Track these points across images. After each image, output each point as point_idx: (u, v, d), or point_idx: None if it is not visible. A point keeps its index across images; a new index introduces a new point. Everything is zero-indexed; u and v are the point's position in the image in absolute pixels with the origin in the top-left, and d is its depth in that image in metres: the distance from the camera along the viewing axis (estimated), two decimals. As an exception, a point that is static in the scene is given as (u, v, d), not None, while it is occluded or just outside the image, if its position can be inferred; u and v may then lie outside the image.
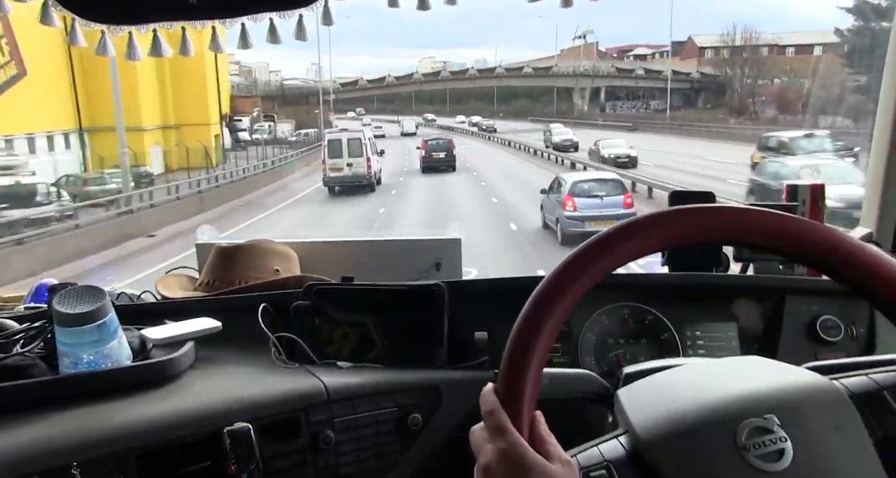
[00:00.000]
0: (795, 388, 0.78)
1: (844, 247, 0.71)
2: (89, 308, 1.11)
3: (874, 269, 0.70)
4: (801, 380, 0.79)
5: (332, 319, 1.37)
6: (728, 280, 1.58)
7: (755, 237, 0.75)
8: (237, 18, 1.41)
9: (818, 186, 1.77)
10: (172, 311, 1.39)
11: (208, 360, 1.26)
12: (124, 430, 1.00)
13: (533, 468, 0.69)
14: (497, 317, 1.41)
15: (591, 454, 0.80)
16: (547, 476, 0.69)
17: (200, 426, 1.05)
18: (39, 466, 0.91)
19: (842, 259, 0.71)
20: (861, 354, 1.41)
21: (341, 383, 1.20)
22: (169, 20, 1.41)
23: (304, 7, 1.38)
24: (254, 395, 1.13)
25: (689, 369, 0.92)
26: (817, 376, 0.80)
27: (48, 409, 1.03)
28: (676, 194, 1.66)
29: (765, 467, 0.70)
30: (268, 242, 1.72)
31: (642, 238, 0.74)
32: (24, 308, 1.50)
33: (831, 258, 0.71)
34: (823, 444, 0.72)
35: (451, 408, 1.23)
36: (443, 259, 1.74)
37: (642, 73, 67.14)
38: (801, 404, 0.75)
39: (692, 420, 0.75)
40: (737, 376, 0.83)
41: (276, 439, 1.10)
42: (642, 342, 1.44)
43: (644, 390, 0.87)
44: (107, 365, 1.13)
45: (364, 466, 1.18)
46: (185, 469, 1.04)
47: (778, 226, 0.73)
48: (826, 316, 1.43)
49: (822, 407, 0.75)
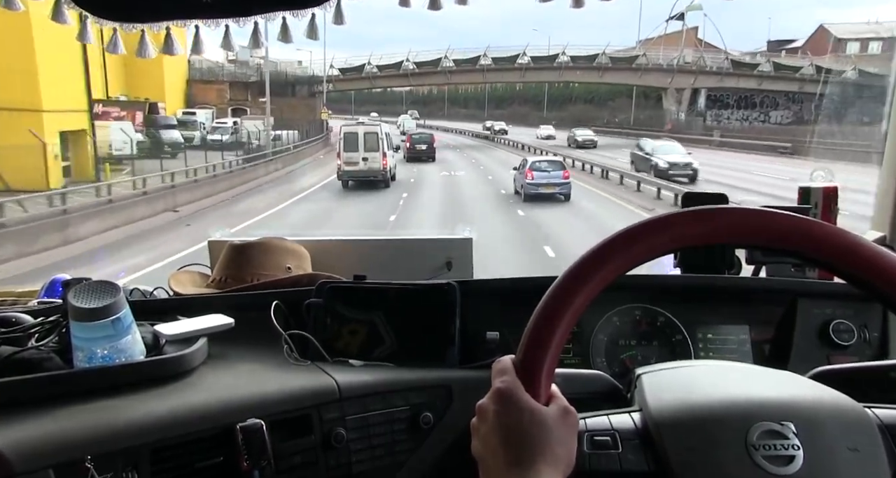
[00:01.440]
0: (821, 403, 0.78)
1: (864, 252, 0.71)
2: (104, 303, 1.12)
3: (894, 275, 0.70)
4: (831, 399, 0.79)
5: (344, 318, 1.37)
6: (740, 283, 1.57)
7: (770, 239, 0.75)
8: (250, 17, 1.41)
9: (831, 189, 1.76)
10: (185, 307, 1.39)
11: (221, 356, 1.27)
12: (138, 425, 1.01)
13: (525, 409, 0.69)
14: (509, 316, 1.41)
15: (600, 421, 0.82)
16: (539, 416, 0.69)
17: (213, 422, 1.05)
18: (53, 459, 0.92)
19: (863, 265, 0.71)
20: (874, 358, 1.41)
21: (353, 381, 1.20)
22: (182, 19, 1.42)
23: (317, 6, 1.38)
24: (266, 392, 1.14)
25: (719, 368, 0.93)
26: (850, 399, 0.79)
27: (62, 403, 1.03)
28: (689, 196, 1.65)
29: (772, 470, 0.70)
30: (280, 239, 1.72)
31: (657, 238, 0.74)
32: (38, 303, 1.51)
33: (852, 264, 0.71)
34: (836, 461, 0.72)
35: (462, 407, 1.23)
36: (454, 258, 1.75)
37: (769, 69, 46.83)
38: (823, 419, 0.75)
39: (708, 411, 0.76)
40: (766, 383, 0.84)
41: (288, 436, 1.11)
42: (654, 344, 1.43)
43: (667, 377, 0.88)
44: (120, 360, 1.14)
45: (375, 464, 1.18)
46: (197, 465, 1.04)
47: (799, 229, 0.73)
48: (839, 320, 1.42)
49: (846, 427, 0.74)
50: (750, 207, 0.76)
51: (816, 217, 1.71)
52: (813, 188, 1.79)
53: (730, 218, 0.75)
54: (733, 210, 0.76)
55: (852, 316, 1.43)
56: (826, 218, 1.74)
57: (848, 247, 0.72)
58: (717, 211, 0.75)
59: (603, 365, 1.41)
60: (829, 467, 0.71)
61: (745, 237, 0.77)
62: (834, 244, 0.73)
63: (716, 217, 0.75)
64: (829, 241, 0.73)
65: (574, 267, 0.74)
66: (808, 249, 0.74)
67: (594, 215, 17.32)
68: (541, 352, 0.72)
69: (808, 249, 0.74)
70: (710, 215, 0.75)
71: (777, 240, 0.75)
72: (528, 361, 0.72)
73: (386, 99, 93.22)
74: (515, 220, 16.97)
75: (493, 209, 18.77)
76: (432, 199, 20.99)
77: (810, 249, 0.74)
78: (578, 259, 0.75)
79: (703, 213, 0.75)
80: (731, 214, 0.75)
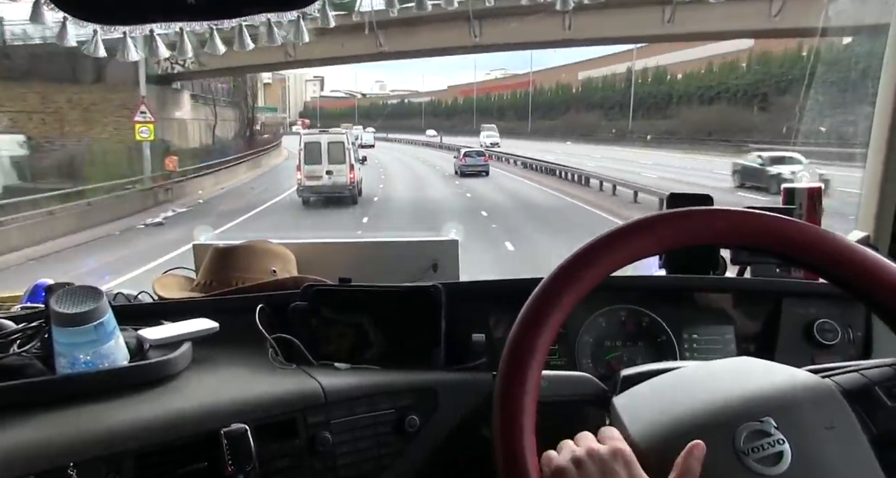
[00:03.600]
0: (789, 388, 0.78)
1: (847, 253, 0.71)
2: (87, 308, 1.11)
3: (876, 275, 0.70)
4: (794, 379, 0.80)
5: (330, 321, 1.37)
6: (725, 283, 1.58)
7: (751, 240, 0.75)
8: (235, 19, 1.40)
9: (815, 189, 1.78)
10: (169, 311, 1.38)
11: (205, 360, 1.26)
12: (121, 430, 1.00)
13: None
14: (495, 318, 1.41)
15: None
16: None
17: (197, 427, 1.05)
18: (36, 467, 0.91)
19: (845, 265, 0.71)
20: (858, 357, 1.42)
21: (338, 384, 1.20)
22: (166, 21, 1.41)
23: (304, 7, 1.37)
24: (251, 396, 1.13)
25: (683, 374, 0.92)
26: (809, 374, 0.80)
27: (44, 409, 1.02)
28: (675, 196, 1.66)
29: (764, 472, 0.71)
30: (265, 242, 1.71)
31: (642, 239, 0.75)
32: (21, 308, 1.49)
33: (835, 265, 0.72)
34: (819, 444, 0.72)
35: (448, 410, 1.23)
36: (440, 260, 1.74)
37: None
38: (795, 404, 0.75)
39: (689, 426, 0.75)
40: (731, 379, 0.84)
41: (273, 440, 1.10)
42: (639, 345, 1.44)
43: (639, 396, 0.88)
44: (104, 365, 1.13)
45: (361, 467, 1.18)
46: (181, 470, 1.03)
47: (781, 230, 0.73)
48: (823, 319, 1.43)
49: (816, 406, 0.75)
50: (732, 209, 0.76)
51: (801, 218, 1.73)
52: (797, 189, 1.80)
53: (712, 219, 0.75)
54: (716, 212, 0.76)
55: (837, 316, 1.44)
56: (811, 218, 1.76)
57: (831, 248, 0.73)
58: (701, 212, 0.76)
59: (589, 366, 1.42)
60: (815, 453, 0.72)
61: (728, 239, 0.77)
62: (816, 246, 0.73)
63: (702, 218, 0.75)
64: (812, 242, 0.73)
65: (556, 272, 0.74)
66: (791, 251, 0.74)
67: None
68: (521, 378, 0.72)
69: (791, 251, 0.74)
70: (696, 216, 0.75)
71: (759, 241, 0.75)
72: (510, 391, 0.72)
73: (403, 112, 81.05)
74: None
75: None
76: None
77: (793, 251, 0.74)
78: (561, 263, 0.75)
79: (690, 214, 0.75)
80: (714, 215, 0.75)
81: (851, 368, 0.83)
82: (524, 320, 0.74)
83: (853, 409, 0.75)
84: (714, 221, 0.76)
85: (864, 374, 0.80)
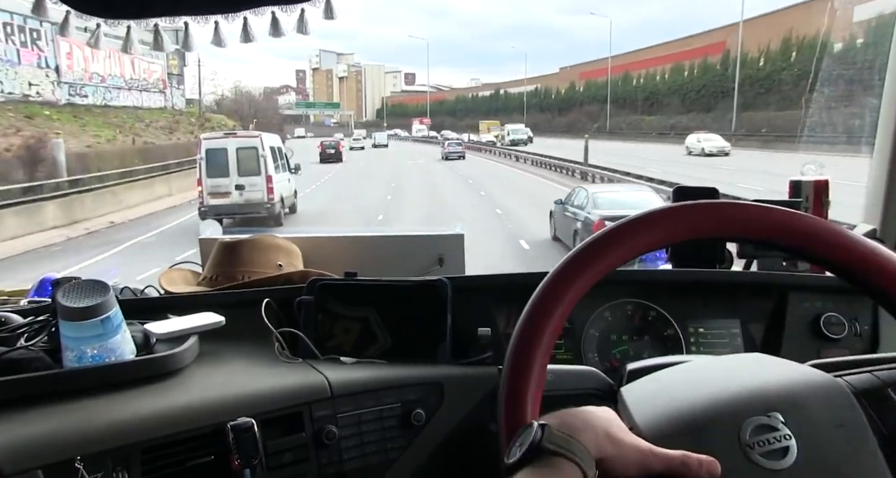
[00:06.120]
0: (799, 385, 0.77)
1: (854, 246, 0.71)
2: (94, 302, 1.11)
3: (883, 268, 0.70)
4: (804, 377, 0.79)
5: (336, 315, 1.37)
6: (732, 277, 1.57)
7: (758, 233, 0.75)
8: (239, 13, 1.40)
9: (822, 182, 1.77)
10: (176, 306, 1.39)
11: (212, 355, 1.26)
12: (128, 424, 1.00)
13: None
14: (501, 312, 1.41)
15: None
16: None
17: (204, 421, 1.05)
18: (43, 460, 0.91)
19: (852, 259, 0.71)
20: (865, 351, 1.41)
21: (344, 378, 1.20)
22: (170, 15, 1.41)
23: (307, 1, 1.37)
24: (257, 390, 1.13)
25: (692, 367, 0.92)
26: (821, 372, 0.79)
27: (52, 403, 1.03)
28: (680, 190, 1.65)
29: (770, 466, 0.70)
30: (271, 236, 1.72)
31: (647, 233, 0.74)
32: (28, 302, 1.50)
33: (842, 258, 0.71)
34: (827, 441, 0.72)
35: (454, 404, 1.23)
36: (446, 255, 1.74)
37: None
38: (804, 401, 0.74)
39: (696, 419, 0.75)
40: (740, 374, 0.83)
41: (279, 434, 1.11)
42: (645, 339, 1.44)
43: (647, 388, 0.87)
44: (110, 359, 1.13)
45: (367, 461, 1.18)
46: (188, 464, 1.04)
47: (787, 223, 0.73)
48: (830, 313, 1.42)
49: (826, 404, 0.74)
50: (740, 202, 0.76)
51: (808, 211, 1.72)
52: (804, 181, 1.80)
53: (719, 212, 0.75)
54: (722, 205, 0.76)
55: (843, 309, 1.43)
56: (817, 211, 1.75)
57: (837, 241, 0.72)
58: (708, 206, 0.75)
59: (595, 360, 1.41)
60: (822, 450, 0.71)
61: (736, 232, 0.77)
62: (823, 239, 0.73)
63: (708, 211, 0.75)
64: (819, 235, 0.73)
65: (562, 265, 0.74)
66: (798, 244, 0.74)
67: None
68: (526, 373, 0.72)
69: (798, 244, 0.74)
70: (703, 209, 0.75)
71: (766, 234, 0.75)
72: (515, 385, 0.72)
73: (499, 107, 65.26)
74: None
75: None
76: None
77: (800, 244, 0.74)
78: (567, 256, 0.75)
79: (697, 207, 0.75)
80: (720, 208, 0.75)
81: (860, 362, 0.83)
82: (530, 314, 0.74)
83: (864, 409, 0.74)
84: (721, 213, 0.75)
85: (878, 375, 0.79)
